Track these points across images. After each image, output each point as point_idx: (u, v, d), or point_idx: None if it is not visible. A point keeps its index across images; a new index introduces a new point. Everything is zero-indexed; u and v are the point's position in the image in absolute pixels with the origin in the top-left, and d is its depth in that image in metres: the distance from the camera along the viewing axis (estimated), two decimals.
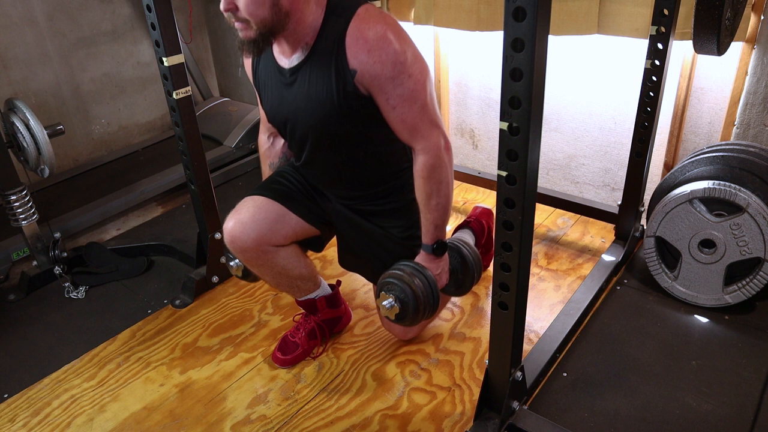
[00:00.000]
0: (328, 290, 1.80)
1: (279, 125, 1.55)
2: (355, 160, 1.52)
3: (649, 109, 1.85)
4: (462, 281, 1.64)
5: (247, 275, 1.71)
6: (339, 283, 1.86)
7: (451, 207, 1.49)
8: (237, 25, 1.33)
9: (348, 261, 1.75)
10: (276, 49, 1.46)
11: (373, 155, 1.52)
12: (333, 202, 1.64)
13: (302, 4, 1.32)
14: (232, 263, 1.69)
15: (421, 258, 1.52)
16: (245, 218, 1.56)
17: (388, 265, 1.51)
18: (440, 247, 1.50)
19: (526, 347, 1.66)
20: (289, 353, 1.76)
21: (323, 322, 1.79)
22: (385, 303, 1.46)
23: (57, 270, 2.16)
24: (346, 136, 1.46)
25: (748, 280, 1.74)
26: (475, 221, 1.97)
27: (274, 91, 1.49)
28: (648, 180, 2.03)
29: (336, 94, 1.36)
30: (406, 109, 1.35)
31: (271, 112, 1.54)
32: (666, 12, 1.69)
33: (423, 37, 2.57)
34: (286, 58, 1.43)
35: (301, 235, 1.64)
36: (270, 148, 1.77)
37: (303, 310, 1.80)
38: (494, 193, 1.80)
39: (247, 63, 1.57)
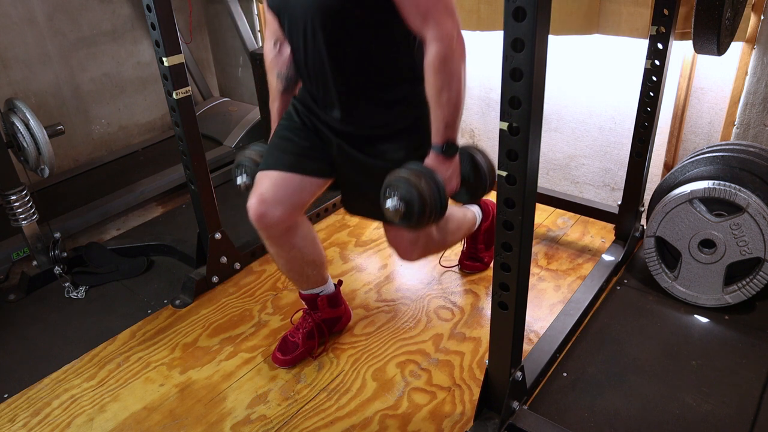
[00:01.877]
0: (332, 289, 1.80)
1: (279, 12, 1.47)
2: (359, 55, 1.42)
3: (649, 109, 1.85)
4: (474, 188, 1.54)
5: None
6: (340, 282, 1.85)
7: (463, 105, 1.40)
8: None
9: (354, 205, 1.67)
10: None
11: (378, 50, 1.42)
12: (334, 141, 1.54)
13: None
14: (238, 180, 1.65)
15: (430, 160, 1.41)
16: (268, 197, 1.53)
17: None
18: (450, 148, 1.40)
19: (526, 347, 1.66)
20: (289, 353, 1.76)
21: (323, 321, 1.79)
22: (388, 204, 1.36)
23: (57, 270, 2.16)
24: (350, 22, 1.37)
25: (748, 280, 1.74)
26: (482, 202, 1.97)
27: None
28: (648, 180, 2.03)
29: None
30: None
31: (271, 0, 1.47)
32: (666, 12, 1.69)
33: None
34: None
35: (320, 189, 1.61)
36: (277, 56, 1.64)
37: (302, 309, 1.80)
38: (494, 193, 1.80)
39: None
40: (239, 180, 1.64)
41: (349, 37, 1.39)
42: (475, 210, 1.97)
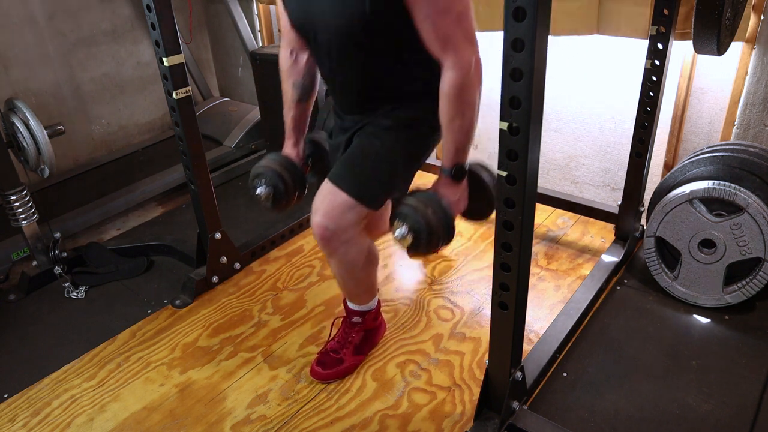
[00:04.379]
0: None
1: (301, 28, 1.47)
2: (380, 70, 1.45)
3: (649, 109, 1.85)
4: (480, 208, 1.55)
5: (278, 201, 1.64)
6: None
7: (475, 131, 1.41)
8: None
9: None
10: None
11: (399, 65, 1.43)
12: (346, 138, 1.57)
13: None
14: (258, 190, 1.63)
15: (438, 182, 1.44)
16: None
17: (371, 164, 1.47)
18: (459, 171, 1.42)
19: (526, 347, 1.66)
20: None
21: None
22: (397, 233, 1.39)
23: (57, 270, 2.16)
24: (374, 42, 1.38)
25: (748, 280, 1.74)
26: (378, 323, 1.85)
27: None
28: (648, 180, 2.03)
29: None
30: (438, 19, 1.27)
31: (295, 14, 1.46)
32: (666, 12, 1.69)
33: None
34: None
35: None
36: (293, 66, 1.62)
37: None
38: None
39: None
40: (259, 190, 1.62)
41: (372, 57, 1.41)
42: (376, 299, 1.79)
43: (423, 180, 2.79)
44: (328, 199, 1.48)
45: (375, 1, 1.28)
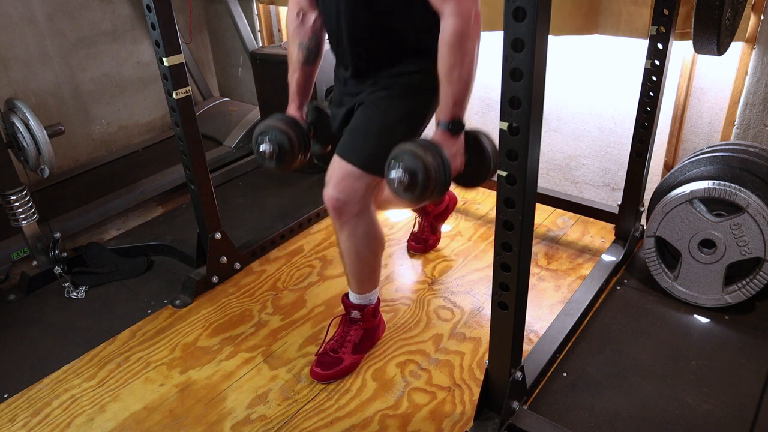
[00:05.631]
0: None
1: None
2: (388, 26, 1.47)
3: (649, 109, 1.85)
4: (477, 171, 1.53)
5: (282, 159, 1.63)
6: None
7: (473, 83, 1.41)
8: None
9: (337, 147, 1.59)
10: None
11: (406, 20, 1.46)
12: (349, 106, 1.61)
13: None
14: (263, 147, 1.61)
15: (436, 135, 1.43)
16: None
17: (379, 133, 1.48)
18: (457, 125, 1.41)
19: (526, 347, 1.66)
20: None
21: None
22: (393, 175, 1.36)
23: (57, 270, 2.16)
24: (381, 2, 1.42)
25: (748, 280, 1.74)
26: None
27: None
28: (648, 180, 2.03)
29: None
30: None
31: None
32: (666, 12, 1.69)
33: None
34: None
35: None
36: (299, 27, 1.63)
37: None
38: (494, 193, 1.80)
39: None
40: (263, 147, 1.61)
41: (377, 11, 1.43)
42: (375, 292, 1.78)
43: None
44: (337, 172, 1.52)
45: None
